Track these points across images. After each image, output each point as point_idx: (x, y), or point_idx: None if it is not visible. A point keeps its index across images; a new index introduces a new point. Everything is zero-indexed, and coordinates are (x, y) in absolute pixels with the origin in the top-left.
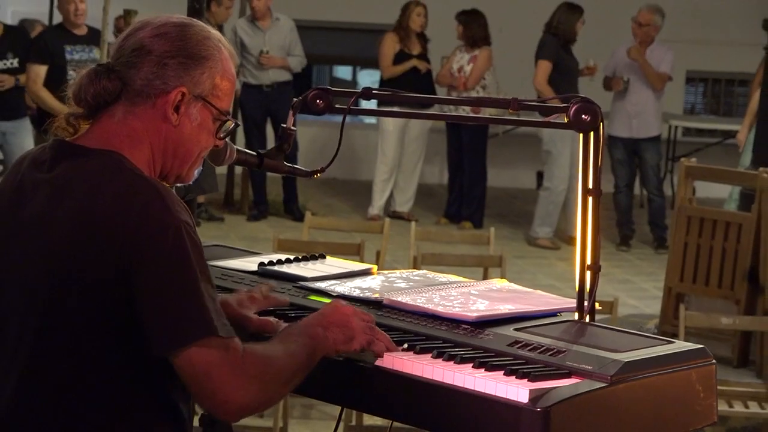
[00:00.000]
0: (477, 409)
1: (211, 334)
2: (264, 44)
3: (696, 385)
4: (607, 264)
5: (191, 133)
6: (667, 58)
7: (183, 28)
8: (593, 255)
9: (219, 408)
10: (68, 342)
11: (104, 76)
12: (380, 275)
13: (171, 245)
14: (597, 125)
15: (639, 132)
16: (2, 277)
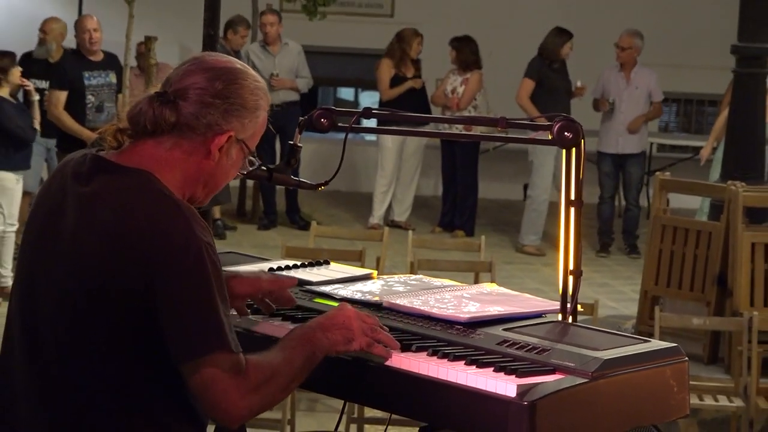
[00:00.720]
0: (469, 403)
1: (221, 349)
2: (274, 67)
3: (670, 381)
4: (588, 269)
5: (225, 169)
6: (654, 83)
7: (239, 75)
8: (575, 261)
9: (220, 416)
10: (94, 347)
11: (165, 106)
12: (380, 280)
13: (192, 264)
14: (579, 142)
15: (625, 148)
16: (37, 282)
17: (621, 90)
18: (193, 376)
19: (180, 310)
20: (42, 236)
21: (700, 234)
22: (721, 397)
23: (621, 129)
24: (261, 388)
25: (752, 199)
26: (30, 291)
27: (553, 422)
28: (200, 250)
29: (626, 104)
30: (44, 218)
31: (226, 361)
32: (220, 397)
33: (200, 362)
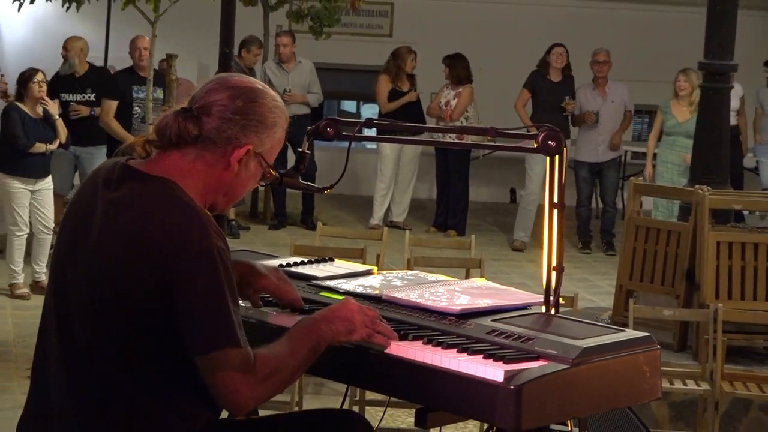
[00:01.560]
0: (460, 387)
1: (232, 344)
2: (288, 83)
3: (643, 367)
4: (569, 265)
5: (244, 180)
6: (626, 95)
7: (258, 94)
8: (557, 258)
9: (229, 406)
10: (118, 338)
11: (190, 121)
12: (380, 275)
13: (207, 267)
14: (561, 150)
15: (604, 156)
16: (69, 277)
17: (599, 105)
18: (205, 369)
19: (194, 309)
20: (74, 235)
21: (670, 234)
22: (690, 381)
23: (600, 139)
24: (267, 380)
25: (717, 201)
26: (63, 286)
27: (537, 405)
28: (214, 255)
29: (605, 117)
30: (76, 219)
31: (235, 356)
32: (230, 389)
33: (212, 357)
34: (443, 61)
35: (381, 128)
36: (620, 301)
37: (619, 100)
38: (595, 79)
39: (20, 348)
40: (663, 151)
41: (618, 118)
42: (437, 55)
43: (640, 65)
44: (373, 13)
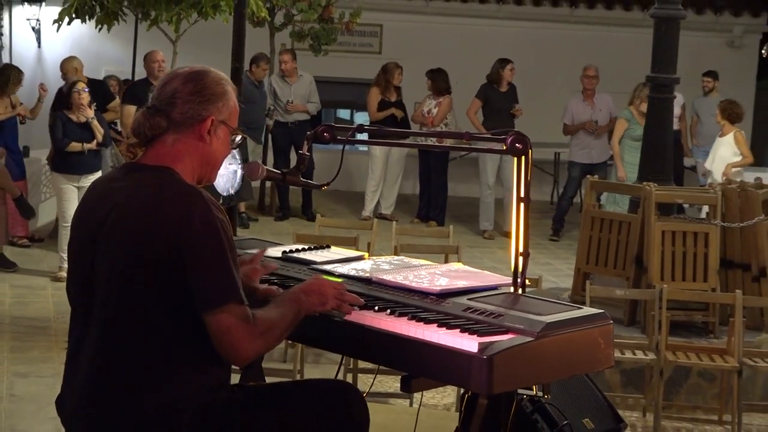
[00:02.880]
0: (440, 357)
1: (236, 301)
2: (290, 94)
3: (598, 339)
4: (534, 252)
5: (218, 147)
6: (612, 104)
7: (203, 74)
8: (524, 245)
9: (233, 357)
10: (137, 304)
11: (156, 115)
12: (370, 260)
13: (211, 236)
14: (527, 151)
15: (599, 158)
16: (95, 250)
17: (590, 114)
18: (213, 323)
19: (202, 272)
20: (93, 220)
21: (622, 224)
22: (638, 351)
23: (593, 143)
24: (264, 335)
25: (662, 196)
26: (88, 261)
27: (506, 372)
28: (216, 225)
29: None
30: (92, 208)
31: (238, 310)
32: (235, 339)
33: (219, 311)
34: (426, 74)
35: (371, 133)
36: (578, 282)
37: (606, 109)
38: (585, 91)
39: (59, 324)
40: (626, 155)
41: (606, 123)
42: (421, 70)
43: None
44: (365, 33)
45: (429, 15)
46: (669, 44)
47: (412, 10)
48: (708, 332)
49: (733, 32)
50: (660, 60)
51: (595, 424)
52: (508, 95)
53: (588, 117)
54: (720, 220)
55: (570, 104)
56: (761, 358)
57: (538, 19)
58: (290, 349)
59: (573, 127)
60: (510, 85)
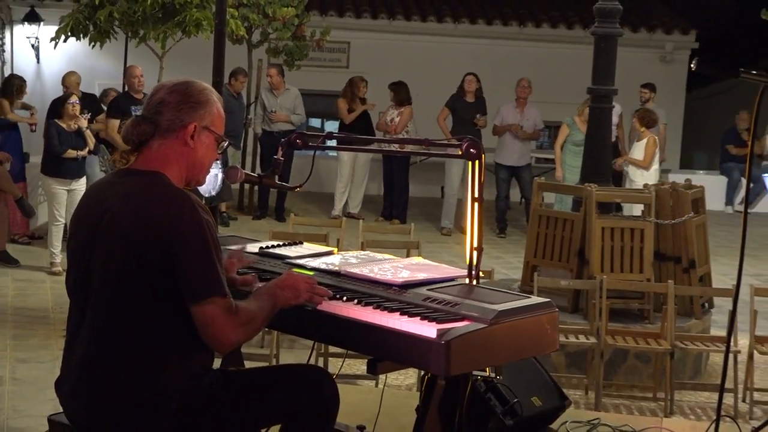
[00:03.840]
0: (402, 342)
1: (220, 294)
2: (276, 106)
3: (545, 325)
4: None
5: (203, 152)
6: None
7: (187, 84)
8: (478, 241)
9: (217, 344)
10: (132, 293)
11: (142, 123)
12: (339, 255)
13: (197, 234)
14: (480, 156)
15: (520, 161)
16: (92, 248)
17: (518, 119)
18: (199, 314)
19: (189, 268)
20: (89, 219)
21: (566, 221)
22: (581, 336)
23: (517, 147)
24: (245, 325)
25: (602, 196)
26: (86, 256)
27: (462, 356)
28: (203, 225)
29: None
30: (91, 207)
31: (222, 302)
32: (218, 329)
33: (204, 303)
34: (389, 87)
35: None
36: (527, 274)
37: (532, 119)
38: (518, 99)
39: (57, 314)
40: (569, 158)
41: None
42: (384, 83)
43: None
44: (334, 49)
45: (392, 33)
46: (608, 59)
47: (377, 28)
48: (643, 318)
49: (665, 48)
50: (599, 73)
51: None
52: (474, 106)
53: (516, 121)
54: (654, 218)
55: (502, 109)
56: (690, 342)
57: (490, 37)
58: (267, 335)
59: (501, 128)
60: (478, 97)
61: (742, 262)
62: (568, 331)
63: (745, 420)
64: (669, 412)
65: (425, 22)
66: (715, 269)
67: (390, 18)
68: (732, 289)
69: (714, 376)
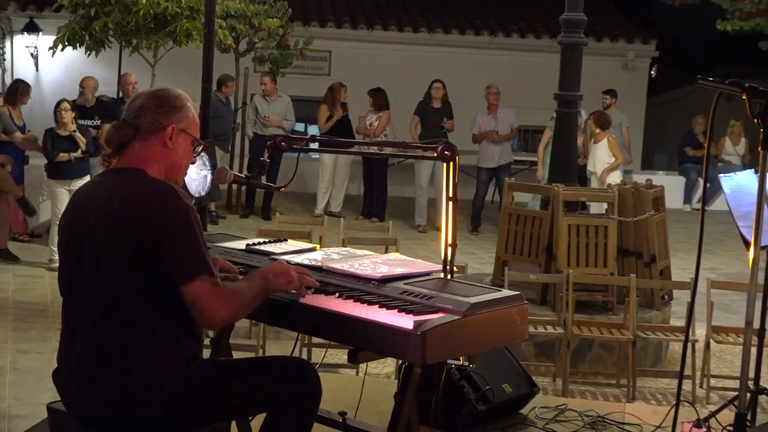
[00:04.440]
0: (381, 333)
1: (206, 272)
2: (269, 111)
3: (515, 317)
4: (460, 243)
5: (180, 153)
6: (513, 117)
7: (163, 91)
8: (452, 237)
9: (206, 319)
10: (124, 283)
11: (123, 127)
12: (321, 251)
13: (183, 219)
14: (454, 158)
15: (500, 161)
16: (83, 243)
17: (493, 125)
18: (188, 292)
19: (177, 250)
20: (80, 216)
21: (535, 219)
22: (549, 326)
23: (497, 150)
24: (232, 301)
25: (568, 195)
26: (78, 247)
27: (438, 345)
28: (187, 209)
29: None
30: (81, 205)
31: (209, 280)
32: (207, 304)
33: (193, 282)
34: (368, 93)
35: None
36: (498, 268)
37: (507, 122)
38: (489, 106)
39: (56, 307)
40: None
41: (507, 134)
42: (363, 89)
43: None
44: (316, 58)
45: (371, 42)
46: (573, 67)
47: (357, 38)
48: (607, 310)
49: (627, 56)
50: (566, 80)
51: (513, 388)
52: (441, 111)
53: (491, 128)
54: (617, 215)
55: (477, 118)
56: (651, 332)
57: (463, 46)
58: (254, 327)
59: (479, 136)
60: (445, 103)
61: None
62: (536, 322)
63: (702, 405)
64: (631, 398)
65: (402, 32)
66: (674, 263)
67: (369, 28)
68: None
69: (673, 364)
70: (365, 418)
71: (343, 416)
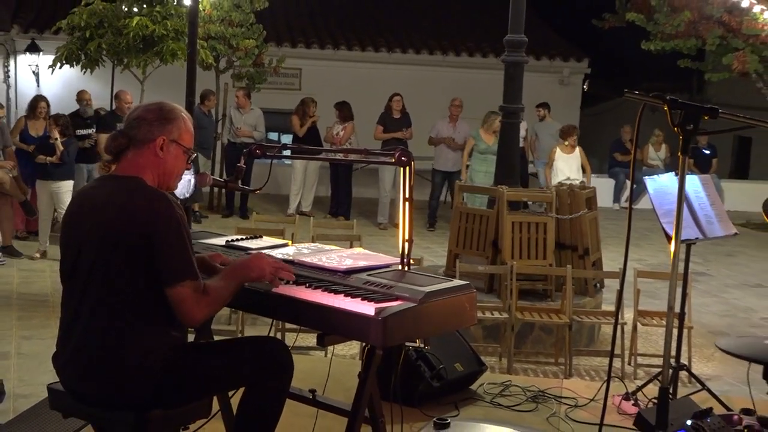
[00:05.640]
0: (346, 319)
1: (191, 277)
2: (241, 122)
3: (465, 304)
4: (417, 238)
5: (172, 162)
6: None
7: (160, 105)
8: (409, 234)
9: (188, 320)
10: (118, 280)
11: (119, 137)
12: (293, 246)
13: (172, 226)
14: (411, 163)
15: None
16: (81, 241)
17: (450, 133)
18: (173, 295)
19: (166, 255)
20: (80, 216)
21: (482, 217)
22: (495, 312)
23: (452, 156)
24: (211, 302)
25: (512, 196)
26: (74, 250)
27: (396, 329)
28: (177, 219)
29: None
30: (81, 207)
31: (192, 285)
32: (189, 307)
33: (177, 285)
34: (335, 106)
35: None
36: (450, 261)
37: (463, 133)
38: (451, 116)
39: (56, 298)
40: (476, 164)
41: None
42: (330, 102)
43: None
44: (288, 74)
45: (337, 60)
46: (516, 82)
47: (324, 57)
48: (547, 297)
49: (563, 73)
50: (509, 94)
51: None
52: (400, 121)
53: (449, 134)
54: (554, 213)
55: (437, 123)
56: (585, 316)
57: (418, 64)
58: (233, 314)
59: (436, 140)
60: (403, 114)
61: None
62: (484, 308)
63: (630, 380)
64: (568, 375)
65: (364, 51)
66: (605, 255)
67: (335, 48)
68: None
69: (605, 344)
70: (333, 394)
71: (313, 393)
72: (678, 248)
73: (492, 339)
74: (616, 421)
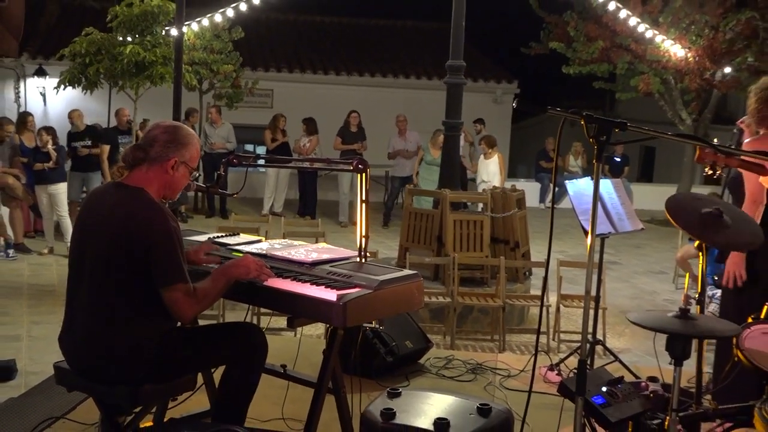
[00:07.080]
0: (312, 304)
1: (182, 281)
2: (214, 136)
3: (414, 290)
4: (373, 235)
5: (179, 179)
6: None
7: (177, 128)
8: (366, 230)
9: (180, 318)
10: (117, 276)
11: (137, 150)
12: (266, 242)
13: (167, 237)
14: (366, 170)
15: (408, 173)
16: (87, 241)
17: (403, 146)
18: (166, 296)
19: (160, 261)
20: (90, 217)
21: (428, 216)
22: (440, 297)
23: (406, 164)
24: (201, 302)
25: (453, 197)
26: (84, 246)
27: (355, 312)
28: (171, 230)
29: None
30: (92, 207)
31: (184, 288)
32: (180, 307)
33: (170, 288)
34: (302, 121)
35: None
36: (402, 253)
37: (414, 141)
38: (399, 130)
39: (62, 288)
40: (424, 173)
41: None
42: (298, 118)
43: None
44: (261, 94)
45: (304, 83)
46: (456, 101)
47: (293, 80)
48: (483, 283)
49: (496, 93)
50: (451, 111)
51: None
52: (357, 134)
53: (402, 147)
54: (490, 212)
55: (391, 139)
56: (516, 299)
57: (373, 85)
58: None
59: (393, 153)
60: (359, 128)
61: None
62: (430, 294)
63: (554, 353)
64: (502, 350)
65: (327, 74)
66: (533, 248)
67: (302, 72)
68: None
69: (533, 323)
70: (301, 369)
71: (284, 368)
72: (594, 241)
73: (437, 320)
74: (543, 389)
